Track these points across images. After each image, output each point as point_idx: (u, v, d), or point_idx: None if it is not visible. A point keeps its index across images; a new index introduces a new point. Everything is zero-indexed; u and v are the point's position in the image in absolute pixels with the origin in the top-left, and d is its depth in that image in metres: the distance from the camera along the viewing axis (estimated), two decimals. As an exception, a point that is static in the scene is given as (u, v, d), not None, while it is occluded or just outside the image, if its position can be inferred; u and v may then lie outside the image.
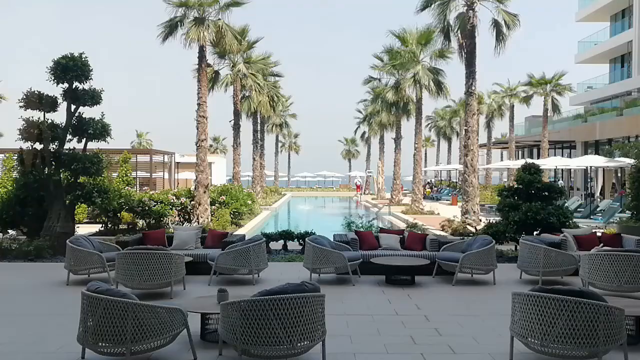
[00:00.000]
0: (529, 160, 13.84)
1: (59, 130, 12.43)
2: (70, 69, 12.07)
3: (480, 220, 17.81)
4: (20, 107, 12.19)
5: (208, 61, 19.86)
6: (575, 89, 36.71)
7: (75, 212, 13.86)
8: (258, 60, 29.57)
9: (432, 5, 18.61)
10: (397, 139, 33.04)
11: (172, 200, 17.33)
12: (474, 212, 17.93)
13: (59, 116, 12.59)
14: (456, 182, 45.75)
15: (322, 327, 4.86)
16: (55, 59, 12.19)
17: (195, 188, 17.81)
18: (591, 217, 19.14)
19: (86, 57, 12.34)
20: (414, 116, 29.03)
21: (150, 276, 7.58)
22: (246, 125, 36.22)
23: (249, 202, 21.68)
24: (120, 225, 16.02)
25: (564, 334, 4.55)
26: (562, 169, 33.62)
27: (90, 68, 12.40)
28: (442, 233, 15.77)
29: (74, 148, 12.72)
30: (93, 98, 12.41)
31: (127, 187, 18.14)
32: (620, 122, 28.19)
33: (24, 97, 12.14)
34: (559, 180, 35.00)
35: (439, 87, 26.43)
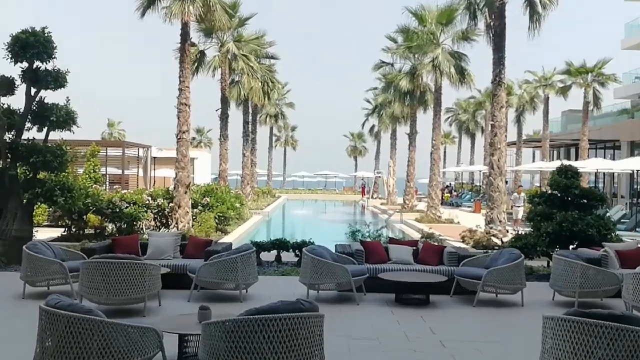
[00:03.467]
0: (566, 162, 13.84)
1: (15, 117, 12.42)
2: (31, 46, 12.04)
3: (507, 231, 17.87)
4: (-29, 89, 12.19)
5: (192, 40, 19.89)
6: (621, 79, 36.65)
7: (34, 213, 13.86)
8: (250, 39, 29.63)
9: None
10: (412, 135, 33.12)
11: (147, 202, 17.36)
12: (500, 221, 17.96)
13: (16, 100, 12.60)
14: (480, 186, 45.80)
15: (320, 352, 4.85)
16: (14, 34, 12.18)
17: (174, 188, 17.82)
18: (637, 229, 19.14)
19: (49, 33, 12.30)
20: (432, 108, 29.13)
21: (120, 290, 7.62)
22: (235, 115, 36.78)
23: (237, 205, 21.73)
24: (86, 230, 16.04)
25: (603, 365, 4.55)
26: (603, 173, 33.62)
27: (54, 45, 12.35)
28: (463, 245, 15.81)
29: (34, 138, 12.72)
30: (57, 80, 12.39)
31: (94, 186, 18.18)
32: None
33: (-25, 78, 12.14)
34: (599, 185, 35.02)
35: (462, 75, 26.46)
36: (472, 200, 37.75)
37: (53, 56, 12.42)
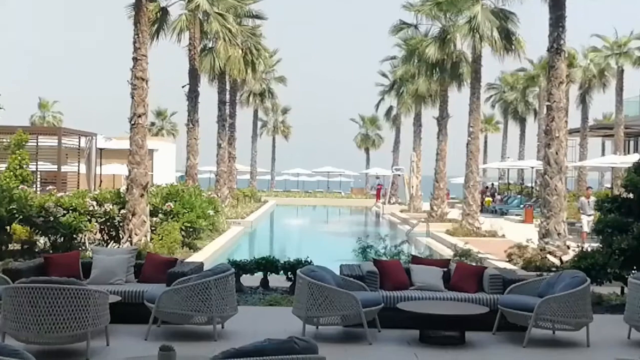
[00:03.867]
0: (646, 156, 13.82)
1: None
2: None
3: (569, 248, 17.80)
4: None
5: (151, -8, 19.86)
6: None
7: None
8: (228, -8, 29.71)
9: None
10: (442, 119, 33.08)
11: (91, 208, 17.30)
12: (559, 234, 17.97)
13: None
14: (532, 188, 45.68)
15: (320, 408, 4.91)
16: None
17: (127, 189, 17.71)
18: None
19: None
20: (469, 84, 29.11)
21: (55, 324, 7.59)
22: (208, 93, 36.46)
23: (211, 212, 21.71)
24: (10, 245, 15.98)
25: None
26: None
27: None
28: (509, 266, 15.76)
29: None
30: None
31: (21, 186, 18.09)
32: None
33: None
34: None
35: (508, 40, 26.44)
36: (521, 206, 37.71)
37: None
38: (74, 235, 16.26)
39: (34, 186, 22.88)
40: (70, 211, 16.72)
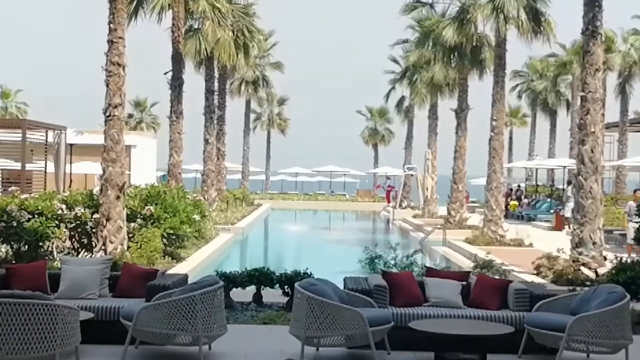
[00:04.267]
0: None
1: None
2: None
3: (606, 258, 17.76)
4: None
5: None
6: None
7: None
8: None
9: None
10: (461, 112, 32.97)
11: (60, 212, 17.25)
12: (595, 243, 17.92)
13: None
14: (563, 190, 45.43)
15: None
16: None
17: (101, 190, 17.63)
18: None
19: None
20: (492, 72, 29.05)
21: (18, 345, 7.57)
22: (194, 81, 36.36)
23: (197, 217, 21.58)
24: (-33, 254, 16.04)
25: None
26: None
27: None
28: (537, 279, 15.76)
29: None
30: None
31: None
32: None
33: None
34: None
35: (537, 21, 26.40)
36: (551, 211, 37.66)
37: None
38: (40, 243, 16.25)
39: (-6, 187, 22.88)
40: (36, 215, 16.62)
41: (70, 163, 29.08)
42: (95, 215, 17.48)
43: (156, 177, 37.24)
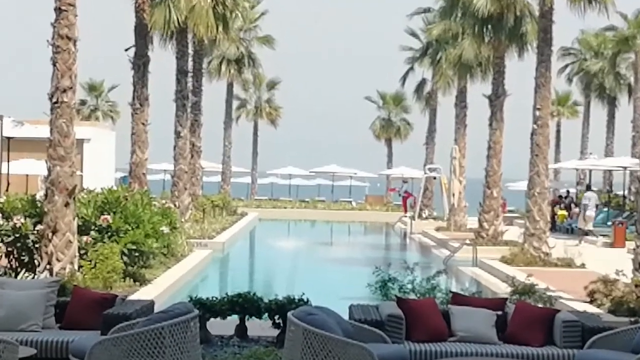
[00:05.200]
0: None
1: None
2: None
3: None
4: None
5: None
6: None
7: None
8: None
9: None
10: (497, 99, 31.58)
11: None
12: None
13: None
14: (624, 197, 43.68)
15: None
16: None
17: (46, 195, 17.06)
18: None
19: None
20: (535, 49, 27.49)
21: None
22: (163, 59, 35.37)
23: (165, 229, 20.89)
24: None
25: None
26: None
27: None
28: (591, 308, 15.25)
29: None
30: None
31: None
32: None
33: None
34: None
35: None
36: (608, 223, 35.96)
37: None
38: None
39: None
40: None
41: (8, 161, 28.62)
42: (39, 227, 16.97)
43: (115, 179, 36.94)
